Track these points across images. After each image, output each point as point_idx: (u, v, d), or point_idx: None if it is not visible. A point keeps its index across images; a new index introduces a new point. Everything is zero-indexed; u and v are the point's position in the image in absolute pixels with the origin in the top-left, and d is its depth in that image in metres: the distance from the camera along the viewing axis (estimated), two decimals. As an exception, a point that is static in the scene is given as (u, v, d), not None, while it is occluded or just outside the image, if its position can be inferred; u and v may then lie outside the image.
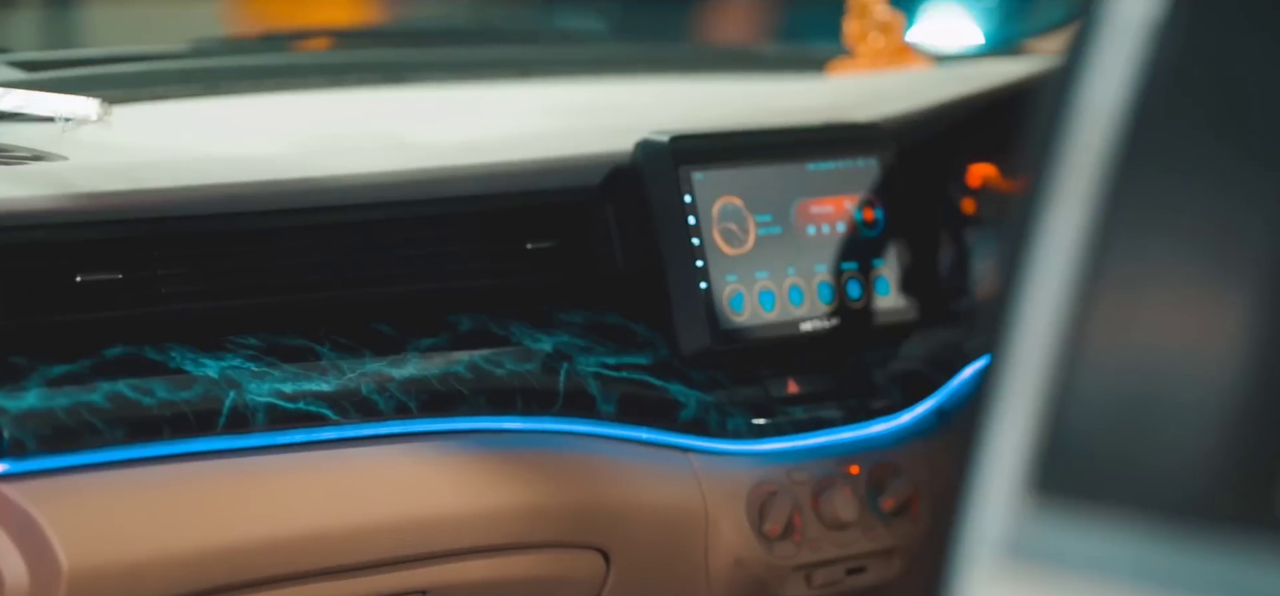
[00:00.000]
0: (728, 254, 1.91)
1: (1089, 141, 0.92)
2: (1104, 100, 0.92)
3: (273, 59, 2.35)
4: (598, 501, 1.82)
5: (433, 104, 2.29)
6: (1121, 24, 0.93)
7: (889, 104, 2.16)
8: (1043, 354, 0.91)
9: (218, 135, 1.97)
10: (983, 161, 2.22)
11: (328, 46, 2.51)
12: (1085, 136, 0.92)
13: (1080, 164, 0.92)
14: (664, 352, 1.88)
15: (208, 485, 1.61)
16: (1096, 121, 0.92)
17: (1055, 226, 0.92)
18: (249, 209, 1.72)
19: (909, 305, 2.01)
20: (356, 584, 1.70)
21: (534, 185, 1.89)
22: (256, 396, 1.64)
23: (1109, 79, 0.92)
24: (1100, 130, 0.92)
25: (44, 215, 1.62)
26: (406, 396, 1.72)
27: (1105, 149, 0.91)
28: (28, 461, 1.53)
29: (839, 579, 1.96)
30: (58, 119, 1.86)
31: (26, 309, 1.59)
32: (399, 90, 2.33)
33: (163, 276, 1.66)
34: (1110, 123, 0.92)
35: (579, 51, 2.63)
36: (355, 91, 2.30)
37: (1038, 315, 0.92)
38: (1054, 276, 0.92)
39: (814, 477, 1.94)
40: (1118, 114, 0.92)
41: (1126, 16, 0.93)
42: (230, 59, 2.33)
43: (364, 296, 1.78)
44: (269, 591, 1.64)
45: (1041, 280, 0.92)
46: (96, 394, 1.57)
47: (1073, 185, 0.92)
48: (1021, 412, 0.91)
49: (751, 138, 1.99)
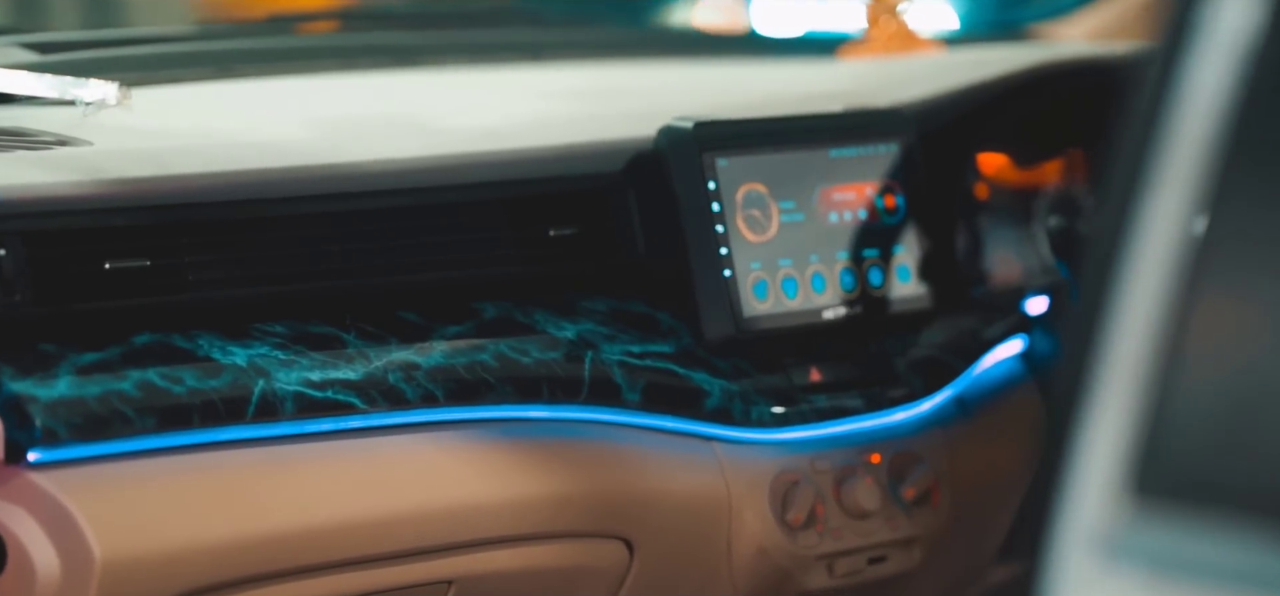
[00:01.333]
0: (751, 241, 1.90)
1: (1192, 132, 0.90)
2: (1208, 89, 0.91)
3: (283, 41, 2.34)
4: (622, 491, 1.81)
5: (447, 88, 2.28)
6: (1225, 11, 0.91)
7: (904, 89, 2.16)
8: (1142, 350, 0.90)
9: (238, 119, 1.95)
10: (999, 148, 2.22)
11: (334, 29, 2.49)
12: (1188, 127, 0.90)
13: (1183, 155, 0.90)
14: (687, 340, 1.88)
15: (239, 474, 1.60)
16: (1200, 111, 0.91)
17: (1155, 219, 0.91)
18: (276, 195, 1.71)
19: (930, 292, 2.01)
20: (385, 573, 1.68)
21: (556, 171, 1.88)
22: (285, 385, 1.63)
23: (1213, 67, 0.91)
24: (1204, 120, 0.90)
25: (73, 201, 1.60)
26: (433, 385, 1.70)
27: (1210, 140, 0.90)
28: (60, 450, 1.51)
29: (860, 568, 1.96)
30: (79, 102, 1.84)
31: (56, 296, 1.57)
32: (411, 73, 2.32)
33: (190, 263, 1.65)
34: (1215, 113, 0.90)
35: (589, 34, 2.61)
36: (368, 75, 2.29)
37: (1137, 310, 0.90)
38: (1154, 270, 0.90)
39: (836, 466, 1.93)
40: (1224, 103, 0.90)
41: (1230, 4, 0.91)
42: (240, 41, 2.31)
43: (389, 284, 1.76)
44: (299, 581, 1.63)
45: (1141, 274, 0.90)
46: (126, 382, 1.56)
47: (1175, 176, 0.90)
48: (1119, 412, 0.90)
49: (774, 124, 1.98)
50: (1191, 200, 0.90)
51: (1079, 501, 0.90)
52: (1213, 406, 0.90)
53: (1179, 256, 0.90)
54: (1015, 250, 2.19)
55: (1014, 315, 2.15)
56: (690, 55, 2.57)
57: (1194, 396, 0.90)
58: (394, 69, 2.32)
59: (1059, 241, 2.05)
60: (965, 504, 2.03)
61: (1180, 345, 0.90)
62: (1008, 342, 2.14)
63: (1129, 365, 0.90)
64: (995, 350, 2.12)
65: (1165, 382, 0.89)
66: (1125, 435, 0.90)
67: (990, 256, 2.17)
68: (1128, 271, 0.90)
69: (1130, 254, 0.91)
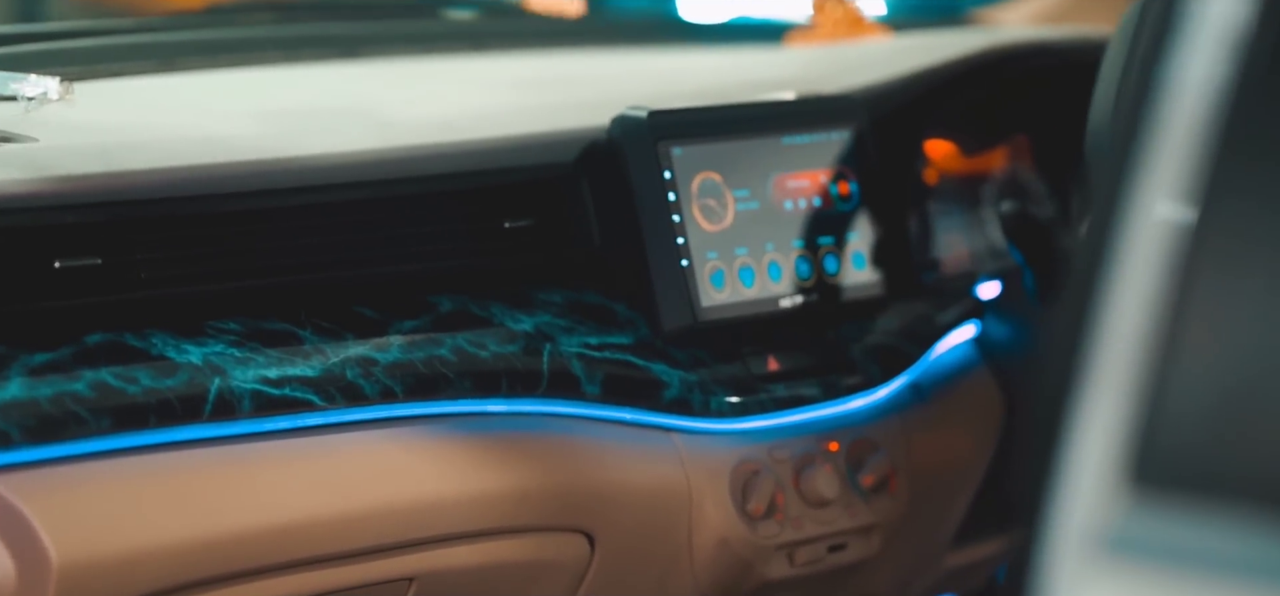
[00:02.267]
0: (707, 230, 1.89)
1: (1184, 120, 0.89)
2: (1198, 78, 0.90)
3: (224, 33, 2.30)
4: (582, 484, 1.79)
5: (393, 79, 2.25)
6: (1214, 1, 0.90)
7: (852, 75, 2.15)
8: (1136, 339, 0.89)
9: (184, 113, 1.92)
10: (947, 133, 2.21)
11: (274, 20, 2.45)
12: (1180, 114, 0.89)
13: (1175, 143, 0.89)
14: (645, 331, 1.86)
15: (198, 475, 1.57)
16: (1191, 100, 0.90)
17: (1147, 207, 0.90)
18: (228, 190, 1.68)
19: (884, 279, 2.00)
20: (345, 572, 1.66)
21: (510, 162, 1.86)
22: (242, 383, 1.60)
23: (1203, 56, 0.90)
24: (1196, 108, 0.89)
25: (21, 199, 1.56)
26: (392, 380, 1.68)
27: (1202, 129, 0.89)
28: (12, 453, 1.48)
29: (820, 557, 1.95)
30: (20, 97, 1.81)
31: (4, 296, 1.54)
32: (355, 65, 2.29)
33: (142, 261, 1.61)
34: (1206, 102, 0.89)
35: (531, 24, 2.59)
36: (312, 67, 2.25)
37: (1130, 299, 0.89)
38: (1148, 258, 0.89)
39: (794, 455, 1.92)
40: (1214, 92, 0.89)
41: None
42: (181, 34, 2.27)
43: (344, 278, 1.74)
44: (259, 581, 1.60)
45: (1134, 262, 0.89)
46: (80, 382, 1.52)
47: (1167, 164, 0.90)
48: (1114, 402, 0.89)
49: (728, 112, 1.97)
50: (1184, 188, 0.89)
51: (1074, 493, 0.89)
52: (1210, 394, 0.89)
53: (1172, 244, 0.89)
54: (965, 235, 2.19)
55: (966, 300, 2.15)
56: (633, 44, 2.55)
57: (1190, 384, 0.89)
58: (337, 60, 2.29)
59: (1011, 225, 2.05)
60: (922, 490, 2.03)
61: (1176, 333, 0.89)
62: (961, 328, 2.13)
63: (1123, 354, 0.89)
64: (949, 336, 2.12)
65: (1161, 371, 0.88)
66: (1121, 425, 0.89)
67: (941, 242, 2.16)
68: (1120, 260, 0.89)
69: (1122, 243, 0.90)
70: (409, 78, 2.25)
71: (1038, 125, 2.28)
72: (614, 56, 2.47)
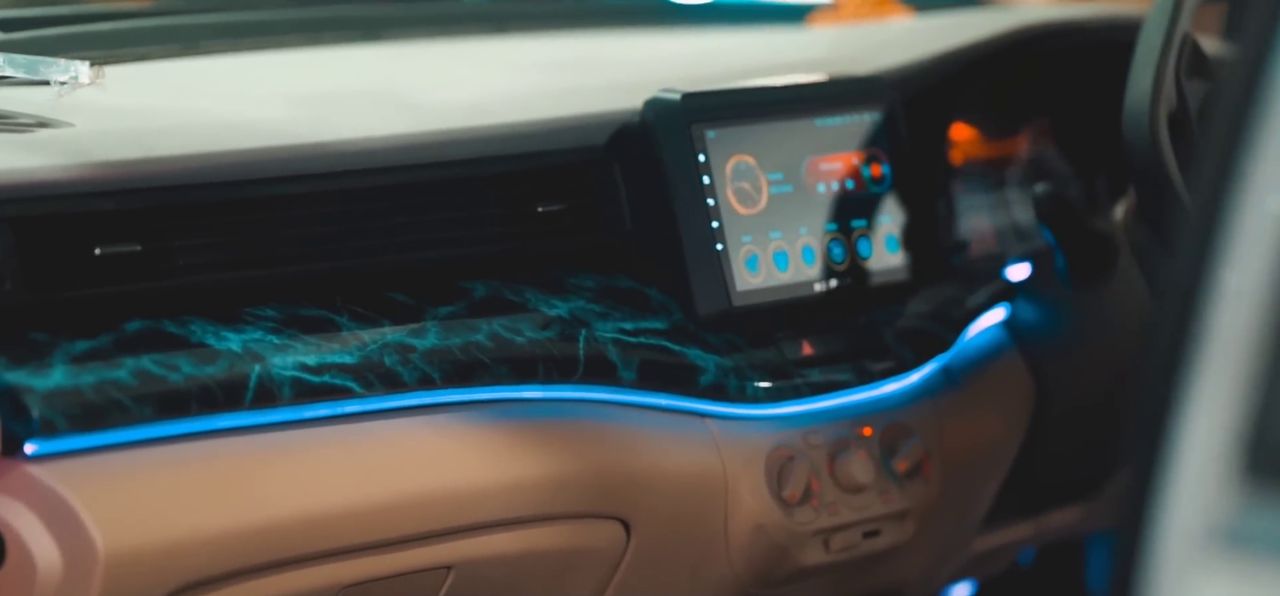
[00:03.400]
0: (741, 214, 1.88)
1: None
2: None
3: (248, 16, 2.28)
4: (619, 471, 1.78)
5: (419, 61, 2.24)
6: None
7: (879, 56, 2.14)
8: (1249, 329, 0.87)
9: (214, 97, 1.90)
10: (975, 114, 2.20)
11: (296, 2, 2.43)
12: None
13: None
14: (679, 316, 1.85)
15: (241, 463, 1.55)
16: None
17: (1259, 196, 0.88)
18: (264, 175, 1.67)
19: (917, 261, 1.99)
20: (384, 560, 1.65)
21: (543, 146, 1.84)
22: (281, 370, 1.58)
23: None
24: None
25: (61, 185, 1.55)
26: (429, 367, 1.67)
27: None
28: (57, 441, 1.46)
29: (856, 543, 1.94)
30: (52, 82, 1.79)
31: (46, 283, 1.52)
32: (379, 47, 2.27)
33: (179, 247, 1.60)
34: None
35: (554, 5, 2.57)
36: (336, 49, 2.24)
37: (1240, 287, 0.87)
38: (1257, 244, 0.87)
39: (829, 441, 1.91)
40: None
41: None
42: (203, 17, 2.25)
43: (378, 264, 1.72)
44: (300, 570, 1.59)
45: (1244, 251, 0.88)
46: (122, 370, 1.51)
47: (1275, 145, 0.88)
48: (1225, 392, 0.87)
49: (761, 94, 1.95)
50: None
51: (1183, 487, 0.87)
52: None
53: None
54: (990, 217, 2.18)
55: (995, 283, 2.14)
56: (655, 25, 2.53)
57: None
58: (360, 43, 2.27)
59: (1045, 207, 2.03)
60: (954, 475, 2.02)
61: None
62: (991, 311, 2.13)
63: (1234, 345, 0.87)
64: (980, 319, 2.11)
65: (1275, 361, 0.86)
66: (1233, 417, 0.87)
67: (967, 224, 2.16)
68: (1229, 249, 0.88)
69: (1231, 232, 0.88)
70: (432, 60, 2.24)
71: (1063, 106, 2.27)
72: (636, 38, 2.46)
